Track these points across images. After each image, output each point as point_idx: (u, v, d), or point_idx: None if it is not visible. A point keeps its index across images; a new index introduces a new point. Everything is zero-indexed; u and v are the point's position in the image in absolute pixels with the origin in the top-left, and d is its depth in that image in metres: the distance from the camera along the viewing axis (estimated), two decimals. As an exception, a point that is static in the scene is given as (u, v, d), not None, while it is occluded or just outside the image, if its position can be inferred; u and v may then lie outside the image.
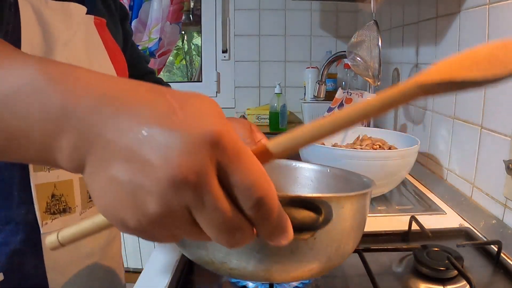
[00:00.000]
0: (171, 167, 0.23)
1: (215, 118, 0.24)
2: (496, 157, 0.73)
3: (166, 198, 0.23)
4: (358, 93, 1.29)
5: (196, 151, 0.23)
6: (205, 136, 0.23)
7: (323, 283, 0.58)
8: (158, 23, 1.77)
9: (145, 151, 0.23)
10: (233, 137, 0.24)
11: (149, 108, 0.24)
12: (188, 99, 0.25)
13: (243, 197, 0.25)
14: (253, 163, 0.25)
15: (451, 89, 0.25)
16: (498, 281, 0.58)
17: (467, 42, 0.85)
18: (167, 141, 0.23)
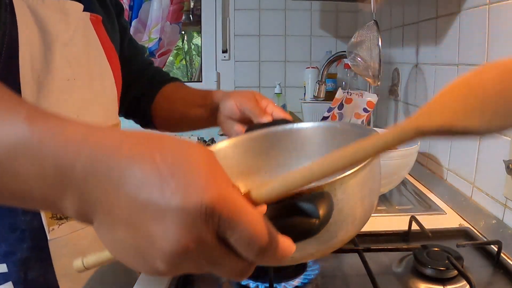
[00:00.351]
0: (171, 240, 0.24)
1: (208, 182, 0.25)
2: (496, 157, 0.73)
3: (172, 262, 0.25)
4: (358, 93, 1.29)
5: (193, 224, 0.24)
6: (200, 208, 0.24)
7: (323, 283, 0.58)
8: (158, 23, 1.77)
9: (145, 222, 0.25)
10: (226, 200, 0.25)
11: (141, 174, 0.25)
12: (178, 161, 0.26)
13: (246, 252, 0.27)
14: (248, 219, 0.26)
15: (450, 135, 0.25)
16: (498, 281, 0.58)
17: (467, 42, 0.85)
18: (163, 214, 0.24)
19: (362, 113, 1.24)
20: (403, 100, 1.27)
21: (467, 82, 0.25)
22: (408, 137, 0.25)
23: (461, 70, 0.88)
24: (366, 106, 1.23)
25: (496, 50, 0.74)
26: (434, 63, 1.03)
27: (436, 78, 1.02)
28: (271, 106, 0.69)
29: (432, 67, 1.05)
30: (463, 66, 0.87)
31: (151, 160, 0.25)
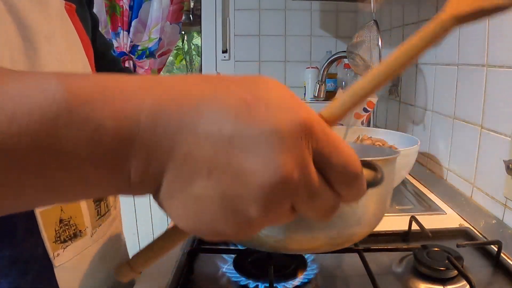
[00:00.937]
0: (273, 169, 0.21)
1: (296, 104, 0.23)
2: (496, 157, 0.73)
3: (270, 201, 0.22)
4: (358, 93, 1.29)
5: (295, 146, 0.21)
6: (298, 128, 0.22)
7: (323, 283, 0.58)
8: (158, 23, 1.77)
9: (235, 158, 0.21)
10: (320, 121, 0.23)
11: (219, 107, 0.21)
12: (254, 85, 0.23)
13: (340, 177, 0.24)
14: (341, 143, 0.24)
15: (483, 15, 0.27)
16: (498, 281, 0.58)
17: (467, 42, 0.85)
18: (258, 142, 0.21)
19: (362, 113, 1.24)
20: (403, 100, 1.27)
21: None
22: (449, 26, 0.27)
23: (461, 70, 0.88)
24: (366, 106, 1.23)
25: (496, 50, 0.74)
26: (434, 63, 1.03)
27: (436, 78, 1.02)
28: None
29: (432, 67, 1.05)
30: (463, 66, 0.87)
31: (227, 89, 0.22)
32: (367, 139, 1.01)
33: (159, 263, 0.65)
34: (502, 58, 0.72)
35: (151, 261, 0.29)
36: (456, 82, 0.90)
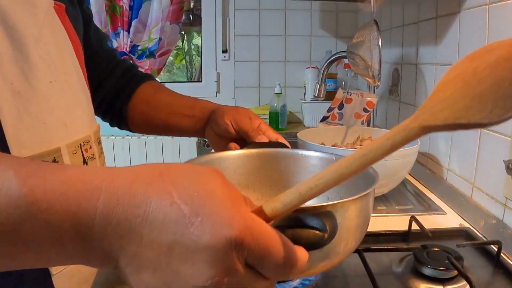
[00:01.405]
0: (206, 279, 0.25)
1: (233, 215, 0.25)
2: (496, 157, 0.73)
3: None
4: (358, 93, 1.29)
5: (224, 259, 0.25)
6: (229, 243, 0.24)
7: (323, 283, 0.58)
8: (158, 23, 1.77)
9: (173, 263, 0.25)
10: (252, 231, 0.26)
11: (162, 220, 0.25)
12: (197, 196, 0.25)
13: (274, 274, 0.28)
14: (273, 246, 0.27)
15: (454, 129, 0.25)
16: (498, 281, 0.58)
17: (467, 42, 0.85)
18: (192, 254, 0.24)
19: (362, 113, 1.24)
20: (403, 100, 1.28)
21: (460, 75, 0.25)
22: (414, 136, 0.26)
23: (461, 70, 0.88)
24: (366, 106, 1.23)
25: (496, 50, 0.74)
26: (434, 63, 1.03)
27: (436, 78, 1.02)
28: (264, 125, 0.70)
29: (432, 67, 1.05)
30: (463, 66, 0.87)
31: (169, 201, 0.25)
32: (367, 139, 1.01)
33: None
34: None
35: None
36: (456, 82, 0.90)
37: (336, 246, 0.44)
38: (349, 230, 0.47)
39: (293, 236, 0.37)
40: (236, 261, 0.25)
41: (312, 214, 0.41)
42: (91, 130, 0.56)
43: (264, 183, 0.70)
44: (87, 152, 0.54)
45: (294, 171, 0.70)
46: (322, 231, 0.39)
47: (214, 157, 0.67)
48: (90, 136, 0.55)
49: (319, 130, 1.11)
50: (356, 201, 0.46)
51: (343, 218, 0.44)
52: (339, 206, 0.44)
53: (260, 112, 1.85)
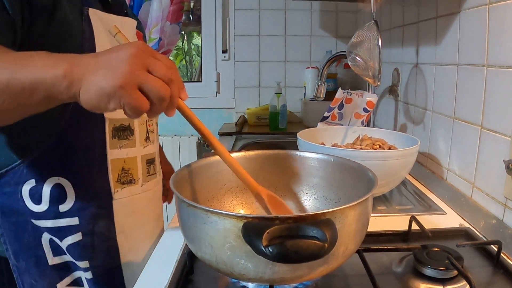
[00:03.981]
0: (129, 52, 0.44)
1: (134, 43, 0.46)
2: (496, 157, 0.73)
3: (131, 62, 0.43)
4: (358, 93, 1.29)
5: (138, 46, 0.45)
6: (140, 44, 0.46)
7: (323, 283, 0.58)
8: (158, 23, 1.77)
9: (115, 55, 0.44)
10: (147, 49, 0.46)
11: (108, 52, 0.46)
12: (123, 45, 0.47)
13: (164, 76, 0.45)
14: (163, 59, 0.47)
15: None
16: (498, 281, 0.58)
17: (467, 42, 0.85)
18: (125, 48, 0.45)
19: (362, 113, 1.24)
20: (403, 100, 1.28)
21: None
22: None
23: (461, 70, 0.88)
24: (366, 106, 1.23)
25: (496, 50, 0.74)
26: (434, 63, 1.03)
27: (436, 78, 1.02)
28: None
29: (432, 67, 1.05)
30: (463, 66, 0.87)
31: (109, 50, 0.46)
32: (367, 139, 1.01)
33: (159, 263, 0.65)
34: (502, 58, 0.72)
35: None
36: (456, 82, 0.90)
37: (336, 251, 0.44)
38: (349, 235, 0.47)
39: (294, 247, 0.38)
40: (147, 51, 0.45)
41: (312, 223, 0.41)
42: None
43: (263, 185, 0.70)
44: (150, 127, 0.79)
45: (293, 172, 0.70)
46: (322, 240, 0.39)
47: (212, 160, 0.67)
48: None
49: (319, 130, 1.11)
50: (355, 207, 0.46)
51: (342, 225, 0.44)
52: (338, 213, 0.44)
53: (260, 112, 1.85)
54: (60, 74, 0.44)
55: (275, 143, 1.62)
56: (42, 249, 0.67)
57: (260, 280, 0.46)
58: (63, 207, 0.66)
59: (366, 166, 0.61)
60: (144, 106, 0.44)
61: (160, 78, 0.45)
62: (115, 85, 0.42)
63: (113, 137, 0.70)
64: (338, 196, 0.67)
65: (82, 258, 0.69)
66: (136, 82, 0.43)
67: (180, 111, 0.51)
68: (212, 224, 0.45)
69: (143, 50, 0.45)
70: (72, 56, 0.46)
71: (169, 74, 0.46)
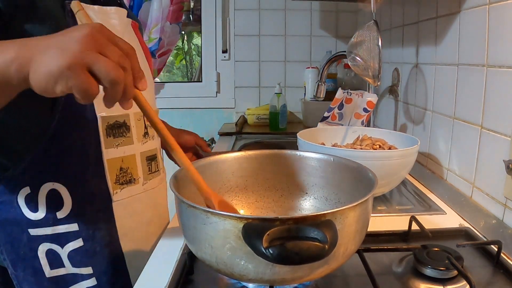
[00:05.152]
0: (82, 32, 0.42)
1: (91, 24, 0.44)
2: (496, 157, 0.73)
3: (83, 41, 0.41)
4: (358, 93, 1.29)
5: (92, 27, 0.43)
6: (82, 34, 0.41)
7: (323, 283, 0.58)
8: (158, 23, 1.77)
9: (68, 35, 0.42)
10: (104, 31, 0.43)
11: (60, 34, 0.43)
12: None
13: (116, 62, 0.42)
14: (121, 44, 0.44)
15: None
16: (498, 281, 0.58)
17: (467, 42, 0.85)
18: (79, 29, 0.43)
19: (362, 113, 1.24)
20: (403, 100, 1.28)
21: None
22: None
23: (461, 70, 0.88)
24: (366, 106, 1.23)
25: (496, 50, 0.74)
26: (434, 63, 1.03)
27: (436, 78, 1.02)
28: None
29: (432, 67, 1.05)
30: (463, 66, 0.87)
31: (63, 31, 0.43)
32: (367, 139, 1.01)
33: (159, 263, 0.65)
34: (502, 58, 0.72)
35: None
36: (456, 82, 0.90)
37: (336, 252, 0.44)
38: (349, 236, 0.47)
39: (294, 249, 0.38)
40: (100, 31, 0.43)
41: (312, 224, 0.41)
42: (153, 108, 0.75)
43: (262, 185, 0.70)
44: (147, 122, 0.74)
45: (293, 172, 0.70)
46: (322, 242, 0.39)
47: (211, 160, 0.67)
48: None
49: (319, 130, 1.11)
50: (356, 208, 0.46)
51: (342, 225, 0.44)
52: (339, 214, 0.44)
53: (260, 112, 1.85)
54: (9, 58, 0.42)
55: (275, 143, 1.62)
56: (38, 261, 0.65)
57: (260, 281, 0.46)
58: (61, 214, 0.64)
59: (366, 166, 0.61)
60: (93, 88, 0.41)
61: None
62: (62, 65, 0.40)
63: (108, 135, 0.67)
64: (338, 196, 0.67)
65: (85, 265, 0.67)
66: (84, 63, 0.40)
67: (136, 101, 0.47)
68: (212, 225, 0.45)
69: (98, 31, 0.42)
70: (23, 40, 0.44)
71: (123, 61, 0.42)
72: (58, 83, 0.41)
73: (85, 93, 0.41)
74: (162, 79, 2.54)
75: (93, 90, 0.41)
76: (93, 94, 0.41)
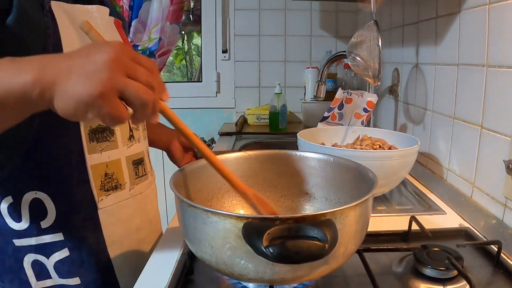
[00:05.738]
0: (107, 56, 0.40)
1: (112, 44, 0.42)
2: (496, 157, 0.73)
3: (110, 67, 0.40)
4: (358, 93, 1.29)
5: (116, 49, 0.41)
6: (108, 58, 0.40)
7: (323, 283, 0.58)
8: (158, 23, 1.77)
9: (91, 58, 0.40)
10: (126, 51, 0.42)
11: (82, 51, 0.42)
12: (92, 47, 0.42)
13: (146, 83, 0.42)
14: (144, 61, 0.44)
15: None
16: (498, 281, 0.58)
17: (467, 42, 0.85)
18: (101, 50, 0.41)
19: (362, 113, 1.24)
20: (403, 100, 1.28)
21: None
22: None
23: (461, 70, 0.88)
24: (366, 106, 1.23)
25: (496, 50, 0.74)
26: (434, 63, 1.03)
27: (436, 78, 1.02)
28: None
29: (432, 67, 1.05)
30: (463, 66, 0.87)
31: (84, 52, 0.42)
32: (367, 139, 1.01)
33: (159, 263, 0.65)
34: (502, 58, 0.72)
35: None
36: (456, 82, 0.90)
37: (336, 252, 0.44)
38: (349, 235, 0.47)
39: (295, 248, 0.38)
40: (124, 52, 0.42)
41: (312, 223, 0.41)
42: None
43: (262, 185, 0.70)
44: (132, 124, 0.72)
45: (293, 172, 0.70)
46: (322, 241, 0.39)
47: None
48: None
49: (319, 130, 1.11)
50: (356, 207, 0.46)
51: (342, 225, 0.44)
52: (339, 213, 0.44)
53: (260, 112, 1.85)
54: (29, 81, 0.40)
55: (275, 143, 1.62)
56: (24, 272, 0.63)
57: (261, 281, 0.46)
58: (45, 223, 0.62)
59: (366, 166, 0.61)
60: (124, 116, 0.41)
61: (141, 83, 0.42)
62: (94, 94, 0.39)
63: (91, 140, 0.64)
64: (338, 196, 0.67)
65: (72, 275, 0.65)
66: (116, 90, 0.40)
67: (163, 114, 0.48)
68: (212, 225, 0.45)
69: (122, 52, 0.41)
70: (39, 58, 0.42)
71: (151, 79, 0.43)
72: (89, 112, 0.40)
73: (117, 120, 0.41)
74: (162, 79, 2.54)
75: (124, 117, 0.41)
76: (124, 119, 0.42)
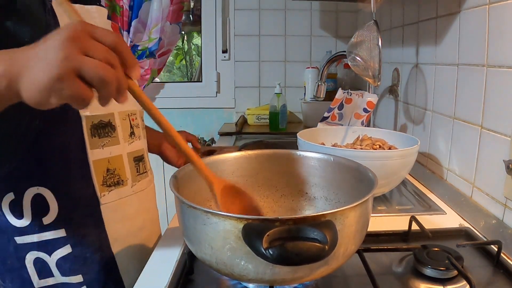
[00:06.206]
0: (64, 35, 0.40)
1: (71, 24, 0.41)
2: (496, 157, 0.73)
3: (68, 46, 0.39)
4: (358, 93, 1.29)
5: (68, 46, 0.40)
6: (63, 38, 0.40)
7: (323, 283, 0.58)
8: (158, 23, 1.77)
9: (53, 43, 0.40)
10: (85, 29, 0.41)
11: (33, 51, 0.42)
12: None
13: (104, 59, 0.40)
14: (105, 36, 0.42)
15: None
16: (498, 281, 0.58)
17: (467, 42, 0.85)
18: (51, 51, 0.40)
19: (362, 113, 1.24)
20: (403, 100, 1.28)
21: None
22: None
23: (461, 70, 0.88)
24: (366, 106, 1.23)
25: (496, 50, 0.74)
26: (434, 63, 1.03)
27: (436, 78, 1.02)
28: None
29: (432, 67, 1.05)
30: (463, 66, 0.87)
31: (46, 37, 0.41)
32: (367, 139, 1.01)
33: (159, 263, 0.65)
34: (502, 58, 0.72)
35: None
36: (456, 82, 0.90)
37: (336, 252, 0.44)
38: (349, 236, 0.47)
39: (294, 249, 0.38)
40: (83, 30, 0.41)
41: (312, 224, 0.41)
42: (137, 108, 0.76)
43: (262, 185, 0.70)
44: (133, 121, 0.73)
45: (293, 172, 0.70)
46: (322, 242, 0.39)
47: (211, 160, 0.67)
48: (136, 111, 0.75)
49: (319, 130, 1.11)
50: (356, 208, 0.46)
51: (342, 226, 0.44)
52: (339, 214, 0.44)
53: (260, 112, 1.85)
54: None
55: (275, 143, 1.62)
56: (26, 271, 0.63)
57: (260, 281, 0.46)
58: (47, 219, 0.62)
59: (366, 166, 0.61)
60: (87, 95, 0.40)
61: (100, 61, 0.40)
62: (52, 77, 0.39)
63: (93, 135, 0.64)
64: (338, 196, 0.67)
65: (74, 273, 0.64)
66: (73, 70, 0.39)
67: (131, 92, 0.45)
68: (212, 225, 0.45)
69: (80, 31, 0.40)
70: (11, 51, 0.42)
71: (109, 56, 0.41)
72: (52, 96, 0.40)
73: (81, 101, 0.40)
74: (162, 79, 2.54)
75: (87, 96, 0.40)
76: (88, 99, 0.41)
